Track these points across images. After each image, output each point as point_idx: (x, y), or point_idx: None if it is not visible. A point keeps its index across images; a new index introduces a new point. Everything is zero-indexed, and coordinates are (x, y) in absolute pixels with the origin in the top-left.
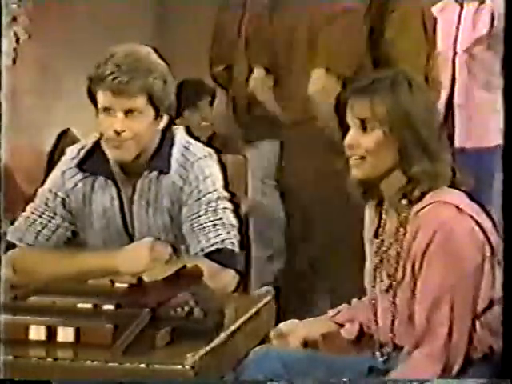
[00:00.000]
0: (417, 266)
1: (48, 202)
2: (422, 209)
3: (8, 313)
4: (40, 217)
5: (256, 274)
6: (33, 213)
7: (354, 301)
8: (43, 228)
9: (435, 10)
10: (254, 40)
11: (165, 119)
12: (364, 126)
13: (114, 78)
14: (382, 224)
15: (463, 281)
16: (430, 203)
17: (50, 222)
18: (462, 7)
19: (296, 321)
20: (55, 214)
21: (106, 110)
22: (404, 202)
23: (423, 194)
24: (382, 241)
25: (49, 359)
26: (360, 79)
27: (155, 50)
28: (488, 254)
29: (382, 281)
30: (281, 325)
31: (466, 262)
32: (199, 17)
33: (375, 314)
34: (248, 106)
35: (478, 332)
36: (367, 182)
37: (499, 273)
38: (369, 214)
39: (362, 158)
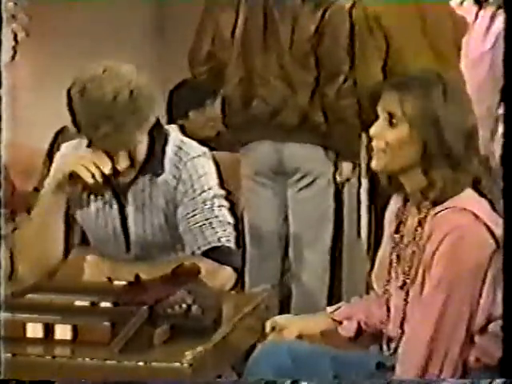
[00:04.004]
0: (427, 268)
1: None
2: (440, 211)
3: (5, 310)
4: None
5: (249, 272)
6: None
7: (354, 298)
8: None
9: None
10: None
11: (150, 121)
12: (391, 120)
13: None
14: (403, 219)
15: (461, 284)
16: (449, 207)
17: None
18: (480, 8)
19: (291, 315)
20: None
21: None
22: (426, 203)
23: (441, 198)
24: (402, 237)
25: (47, 357)
26: (400, 75)
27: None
28: (496, 265)
29: (397, 277)
30: (276, 318)
31: (469, 268)
32: (198, 17)
33: (388, 309)
34: (243, 107)
35: (482, 345)
36: (388, 173)
37: None
38: (392, 207)
39: (383, 150)
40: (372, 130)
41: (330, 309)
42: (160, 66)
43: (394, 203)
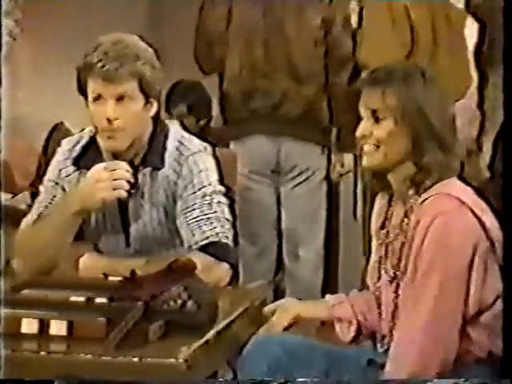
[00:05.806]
0: (417, 256)
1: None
2: (425, 199)
3: (1, 306)
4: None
5: (244, 270)
6: (40, 206)
7: (354, 291)
8: None
9: None
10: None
11: (154, 106)
12: (376, 117)
13: (103, 66)
14: (388, 216)
15: (451, 268)
16: (434, 194)
17: None
18: None
19: (293, 299)
20: None
21: (97, 98)
22: (411, 192)
23: (431, 185)
24: (388, 232)
25: (42, 353)
26: (374, 70)
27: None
28: (483, 251)
29: (386, 272)
30: (278, 302)
31: (456, 252)
32: (194, 13)
33: (379, 306)
34: (243, 101)
35: (474, 336)
36: (378, 171)
37: (497, 273)
38: (378, 205)
39: (376, 146)
40: (359, 131)
41: (331, 300)
42: None
43: (379, 202)
